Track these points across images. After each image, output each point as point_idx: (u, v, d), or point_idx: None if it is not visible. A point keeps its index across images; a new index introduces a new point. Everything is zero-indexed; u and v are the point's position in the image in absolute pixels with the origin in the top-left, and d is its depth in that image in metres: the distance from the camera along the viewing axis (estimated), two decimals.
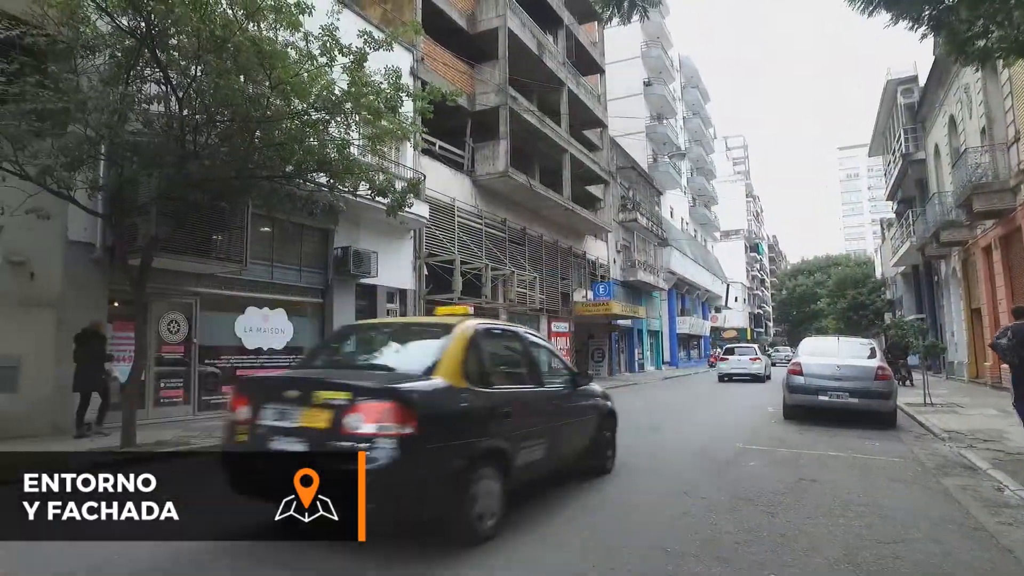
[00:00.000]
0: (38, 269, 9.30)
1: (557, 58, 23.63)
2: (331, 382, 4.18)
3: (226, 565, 3.91)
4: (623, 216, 32.11)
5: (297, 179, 9.39)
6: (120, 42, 7.94)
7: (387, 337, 5.50)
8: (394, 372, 4.47)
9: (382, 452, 3.62)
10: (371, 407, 3.75)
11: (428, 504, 3.89)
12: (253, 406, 4.22)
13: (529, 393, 5.31)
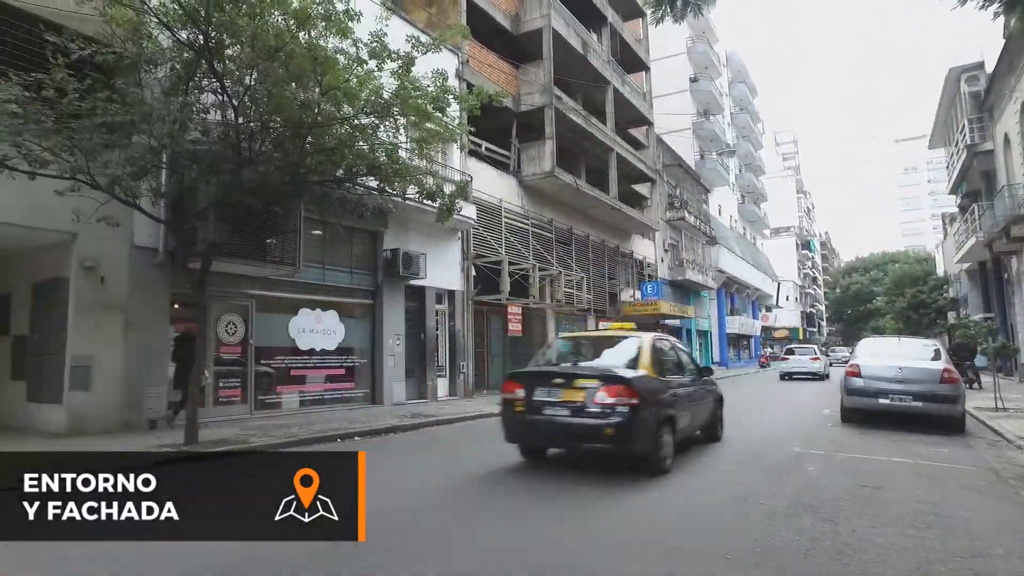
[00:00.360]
0: (107, 274, 9.71)
1: (602, 56, 23.45)
2: (584, 374, 6.55)
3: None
4: (670, 214, 31.65)
5: (347, 183, 9.59)
6: (179, 55, 8.23)
7: (597, 345, 7.97)
8: (616, 367, 6.72)
9: (620, 415, 6.12)
10: (612, 388, 6.21)
11: (641, 445, 6.32)
12: (527, 389, 6.63)
13: (681, 380, 7.64)
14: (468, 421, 11.83)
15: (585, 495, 5.79)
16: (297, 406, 12.27)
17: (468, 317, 16.58)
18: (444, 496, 5.92)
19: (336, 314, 13.01)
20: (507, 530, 4.83)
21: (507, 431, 6.89)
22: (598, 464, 6.90)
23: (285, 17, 7.93)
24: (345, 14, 8.09)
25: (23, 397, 10.53)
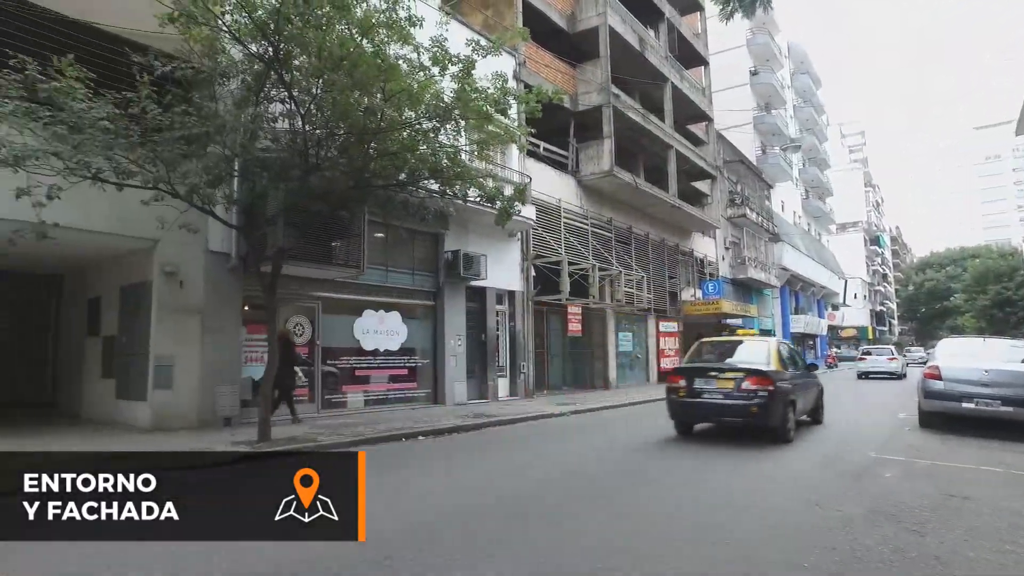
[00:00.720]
0: (185, 278, 10.20)
1: (659, 53, 23.12)
2: (733, 368, 8.89)
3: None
4: (731, 212, 30.91)
5: (410, 186, 9.78)
6: (250, 67, 8.56)
7: (734, 347, 10.22)
8: (754, 363, 8.87)
9: (760, 397, 8.38)
10: (754, 378, 8.49)
11: (774, 420, 8.54)
12: (687, 379, 8.98)
13: (795, 373, 9.63)
14: (531, 421, 11.87)
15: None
16: (362, 405, 12.58)
17: (528, 317, 16.64)
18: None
19: (399, 315, 13.27)
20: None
21: (671, 410, 9.39)
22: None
23: (349, 26, 8.16)
24: (407, 20, 8.23)
25: (112, 394, 11.17)
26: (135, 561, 4.03)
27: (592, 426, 11.56)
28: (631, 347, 22.15)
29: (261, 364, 10.78)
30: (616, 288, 19.30)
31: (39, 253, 9.70)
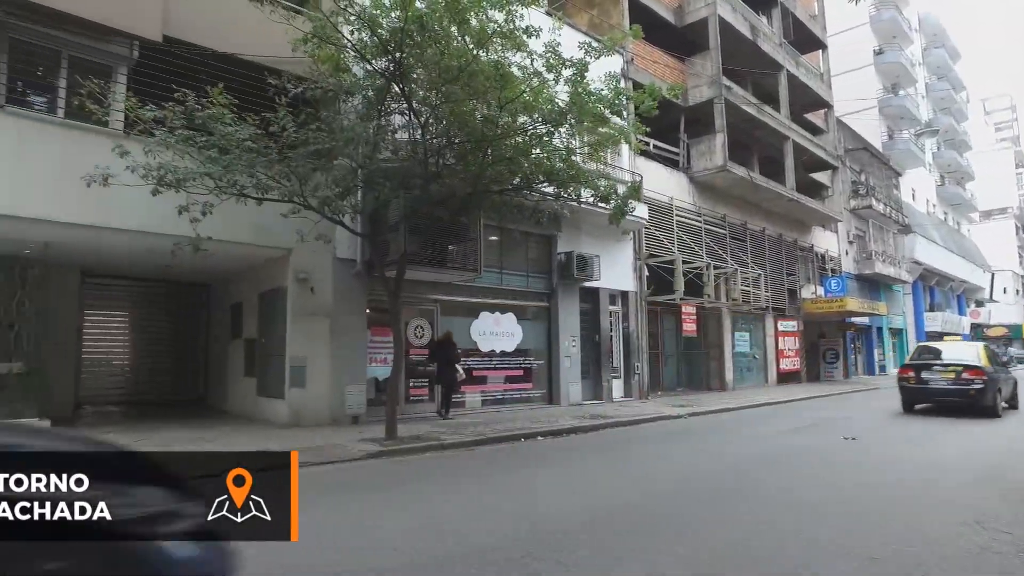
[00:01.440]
0: (316, 284, 10.88)
1: (773, 40, 22.05)
2: (954, 363, 12.32)
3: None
4: (855, 203, 28.88)
5: (525, 190, 9.93)
6: (372, 83, 9.02)
7: (947, 349, 13.90)
8: (969, 360, 12.25)
9: (977, 385, 11.86)
10: (971, 371, 12.01)
11: (988, 401, 11.86)
12: (915, 371, 12.72)
13: (998, 368, 12.91)
14: (649, 423, 11.70)
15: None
16: (480, 405, 12.88)
17: (641, 318, 16.38)
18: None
19: (514, 316, 13.48)
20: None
21: (904, 395, 13.03)
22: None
23: (467, 38, 8.40)
24: (524, 31, 8.37)
25: (254, 392, 12.12)
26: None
27: (713, 428, 11.20)
28: (748, 347, 21.25)
29: (383, 365, 11.33)
30: (732, 287, 18.58)
31: (193, 264, 10.72)
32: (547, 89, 9.00)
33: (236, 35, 9.31)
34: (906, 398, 12.95)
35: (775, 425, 11.36)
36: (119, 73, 9.08)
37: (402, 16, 7.72)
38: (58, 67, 8.80)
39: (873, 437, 9.71)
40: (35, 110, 8.69)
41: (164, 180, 7.45)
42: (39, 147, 8.36)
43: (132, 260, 11.56)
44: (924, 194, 42.01)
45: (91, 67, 8.80)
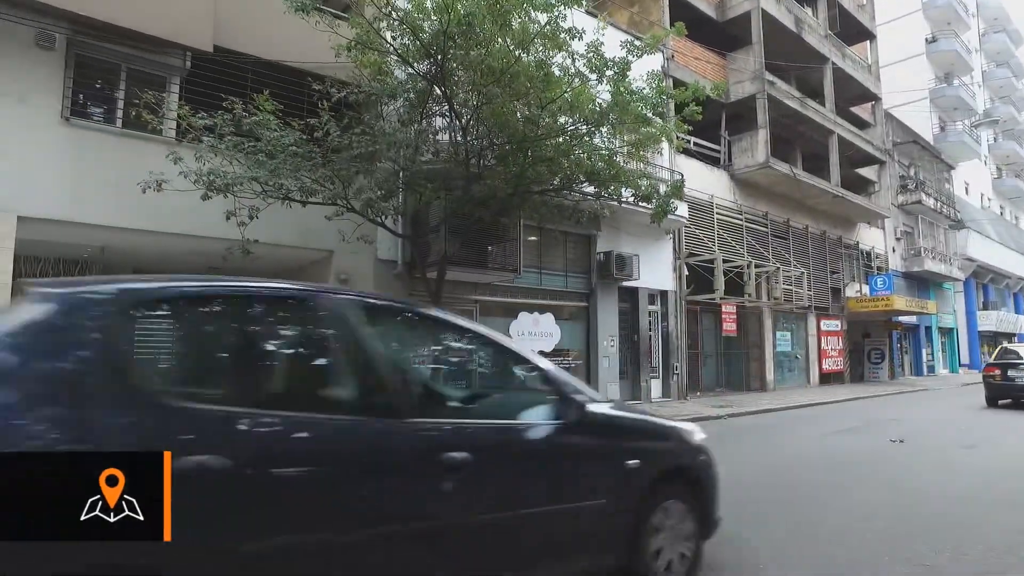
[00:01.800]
0: (358, 285, 11.05)
1: (818, 32, 21.51)
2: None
3: None
4: (903, 198, 28.01)
5: (565, 190, 9.94)
6: (414, 86, 9.13)
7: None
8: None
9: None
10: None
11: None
12: (1001, 369, 14.42)
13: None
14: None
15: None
16: None
17: (681, 317, 16.23)
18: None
19: (552, 317, 13.48)
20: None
21: (988, 391, 14.60)
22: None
23: (508, 41, 8.44)
24: (567, 32, 8.37)
25: None
26: None
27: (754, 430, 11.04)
28: (789, 347, 20.85)
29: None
30: (773, 285, 18.26)
31: (241, 267, 11.01)
32: (588, 89, 8.99)
33: (281, 42, 9.53)
34: (990, 394, 14.61)
35: (820, 427, 11.14)
36: (172, 83, 9.40)
37: (445, 19, 7.79)
38: (117, 79, 9.15)
39: (930, 440, 9.46)
40: (94, 121, 9.07)
41: (214, 185, 7.70)
42: (98, 156, 8.73)
43: (181, 263, 11.93)
44: (979, 188, 40.42)
45: (147, 78, 9.15)
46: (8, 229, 8.11)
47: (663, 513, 3.41)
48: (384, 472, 2.53)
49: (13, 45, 8.22)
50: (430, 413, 2.94)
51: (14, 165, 8.17)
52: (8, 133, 8.16)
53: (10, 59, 8.23)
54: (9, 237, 8.13)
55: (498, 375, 3.57)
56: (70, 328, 2.21)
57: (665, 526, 3.40)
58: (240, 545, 2.19)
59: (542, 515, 2.96)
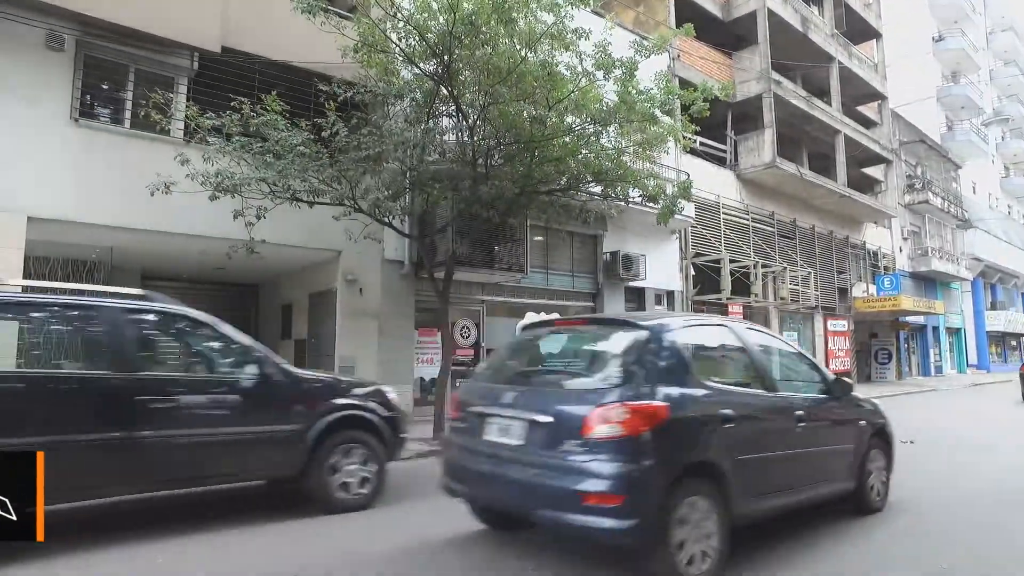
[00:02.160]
0: (364, 285, 11.09)
1: (824, 31, 21.44)
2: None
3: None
4: (909, 198, 27.91)
5: (572, 190, 9.92)
6: (420, 86, 9.12)
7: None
8: None
9: None
10: None
11: None
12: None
13: None
14: None
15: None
16: None
17: None
18: None
19: (558, 316, 13.42)
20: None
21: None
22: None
23: (514, 40, 8.43)
24: (574, 32, 8.36)
25: None
26: None
27: None
28: None
29: (430, 365, 11.48)
30: (780, 285, 18.20)
31: (245, 266, 11.06)
32: (595, 88, 8.97)
33: (288, 43, 9.55)
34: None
35: None
36: (180, 83, 9.43)
37: (450, 19, 7.79)
38: (126, 80, 9.20)
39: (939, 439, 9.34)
40: (102, 121, 9.11)
41: (222, 186, 7.71)
42: (107, 156, 8.77)
43: (187, 262, 11.97)
44: (986, 187, 40.18)
45: (155, 79, 9.18)
46: (18, 230, 8.16)
47: (872, 455, 5.34)
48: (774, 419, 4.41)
49: (23, 47, 8.27)
50: (787, 390, 4.78)
51: (24, 166, 8.22)
52: (18, 134, 8.21)
53: (20, 61, 8.28)
54: (19, 238, 8.17)
55: (796, 371, 5.23)
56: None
57: (874, 465, 5.34)
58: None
59: (831, 452, 4.93)
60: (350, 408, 5.44)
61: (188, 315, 5.30)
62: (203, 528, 4.81)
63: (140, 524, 4.85)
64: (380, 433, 5.55)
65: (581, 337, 4.76)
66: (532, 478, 3.60)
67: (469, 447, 4.16)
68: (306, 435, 5.09)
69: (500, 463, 3.82)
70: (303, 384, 5.42)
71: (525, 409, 3.79)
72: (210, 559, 4.23)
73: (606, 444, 3.37)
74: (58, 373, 4.61)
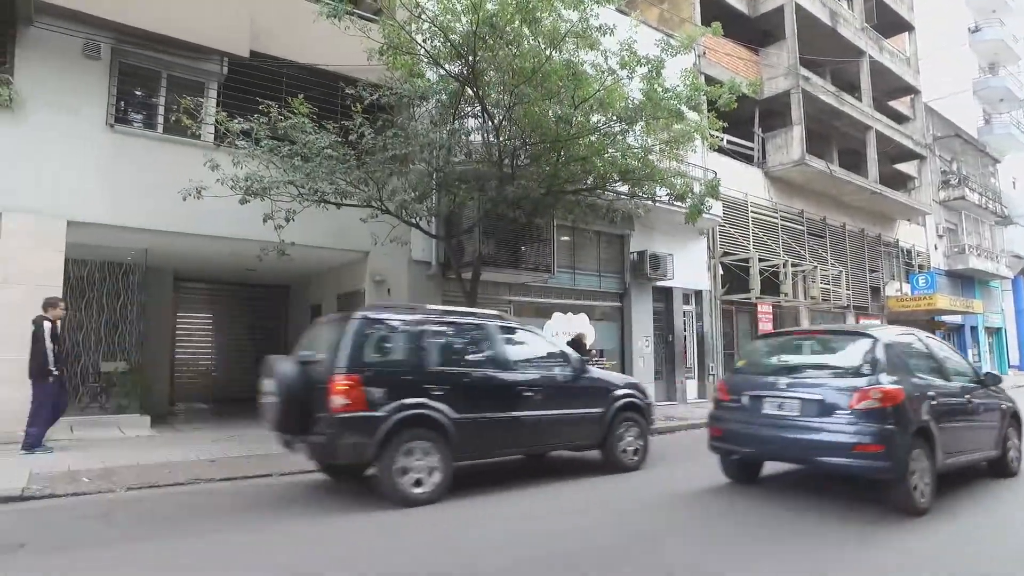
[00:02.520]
0: (392, 285, 11.16)
1: (854, 24, 21.02)
2: None
3: None
4: (944, 194, 27.19)
5: (598, 189, 9.88)
6: (446, 87, 9.16)
7: None
8: None
9: None
10: None
11: None
12: None
13: None
14: None
15: None
16: None
17: (716, 317, 16.01)
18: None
19: (586, 317, 13.36)
20: None
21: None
22: None
23: (539, 39, 8.43)
24: (598, 30, 8.33)
25: None
26: None
27: None
28: None
29: None
30: (810, 284, 17.88)
31: (275, 267, 11.22)
32: (620, 87, 8.93)
33: (315, 46, 9.69)
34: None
35: None
36: (210, 88, 9.63)
37: (473, 20, 7.81)
38: (158, 86, 9.45)
39: None
40: (136, 127, 9.34)
41: (251, 189, 7.83)
42: (140, 161, 9.00)
43: (218, 264, 12.20)
44: None
45: (186, 84, 9.41)
46: (59, 233, 8.44)
47: (1009, 432, 6.73)
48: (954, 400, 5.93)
49: (63, 57, 8.57)
50: (956, 381, 6.21)
51: (64, 172, 8.50)
52: (59, 142, 8.49)
53: (60, 70, 8.57)
54: (60, 241, 8.45)
55: (958, 367, 6.52)
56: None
57: (1011, 441, 6.74)
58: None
59: (987, 427, 6.35)
60: (628, 396, 7.30)
61: (530, 329, 7.47)
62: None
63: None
64: (645, 414, 7.47)
65: (824, 342, 6.60)
66: (811, 436, 5.30)
67: (746, 419, 5.89)
68: (606, 416, 6.99)
69: (778, 428, 5.55)
70: (600, 380, 7.35)
71: (800, 390, 5.56)
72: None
73: (868, 413, 5.05)
74: (471, 371, 6.26)
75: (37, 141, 8.37)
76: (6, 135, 8.22)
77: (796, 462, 6.00)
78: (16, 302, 8.03)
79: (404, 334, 5.92)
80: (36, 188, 8.32)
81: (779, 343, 7.06)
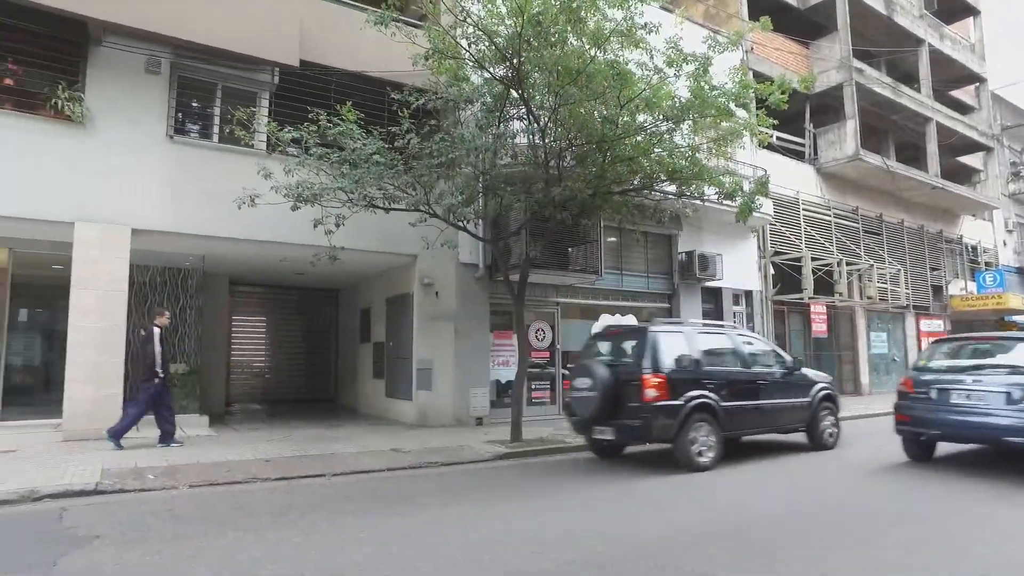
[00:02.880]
0: (440, 288, 11.27)
1: (912, 12, 20.24)
2: None
3: None
4: (1014, 187, 25.91)
5: (646, 189, 9.76)
6: (491, 90, 9.20)
7: None
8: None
9: None
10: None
11: None
12: None
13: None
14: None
15: None
16: None
17: (767, 318, 15.62)
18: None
19: (634, 318, 13.24)
20: None
21: None
22: None
23: (583, 39, 8.38)
24: (643, 28, 8.24)
25: (382, 393, 12.76)
26: None
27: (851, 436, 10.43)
28: (886, 348, 19.65)
29: (505, 367, 11.54)
30: (866, 284, 17.28)
31: (325, 272, 11.49)
32: (667, 85, 8.80)
33: (361, 53, 9.90)
34: None
35: None
36: (262, 98, 9.94)
37: (518, 22, 7.82)
38: (214, 97, 9.80)
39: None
40: (192, 137, 9.71)
41: (302, 196, 8.03)
42: (198, 170, 9.37)
43: (271, 268, 12.55)
44: None
45: (240, 94, 9.73)
46: (124, 241, 8.88)
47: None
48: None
49: (127, 73, 9.03)
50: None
51: (128, 182, 8.93)
52: (123, 153, 8.93)
53: (125, 86, 9.03)
54: (124, 248, 8.88)
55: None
56: None
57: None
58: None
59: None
60: (825, 388, 8.92)
61: (757, 336, 9.58)
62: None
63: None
64: (837, 403, 9.17)
65: (997, 345, 7.81)
66: (998, 420, 6.53)
67: (933, 408, 7.12)
68: (811, 404, 8.68)
69: (966, 414, 6.80)
70: (807, 375, 9.00)
71: (985, 384, 6.80)
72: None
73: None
74: (728, 369, 8.03)
75: (105, 154, 8.82)
76: (79, 149, 8.69)
77: (981, 442, 7.38)
78: (90, 306, 8.57)
79: (684, 343, 7.67)
80: (104, 198, 8.76)
81: (956, 346, 8.12)
